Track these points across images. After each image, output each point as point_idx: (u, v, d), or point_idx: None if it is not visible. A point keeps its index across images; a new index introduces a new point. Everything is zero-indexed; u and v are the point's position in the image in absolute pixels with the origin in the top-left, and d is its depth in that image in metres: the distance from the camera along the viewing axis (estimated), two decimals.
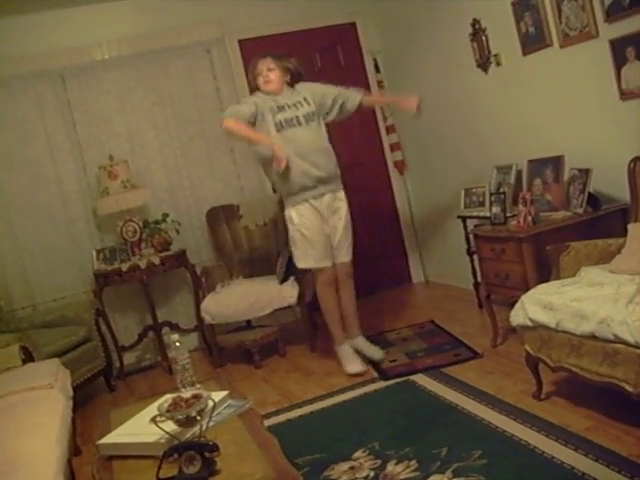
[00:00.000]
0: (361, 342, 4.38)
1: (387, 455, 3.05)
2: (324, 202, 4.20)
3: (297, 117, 4.13)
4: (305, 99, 4.21)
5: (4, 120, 5.34)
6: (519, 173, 4.60)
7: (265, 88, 4.20)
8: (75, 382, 4.15)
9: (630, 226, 3.35)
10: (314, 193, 4.16)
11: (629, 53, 3.58)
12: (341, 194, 4.31)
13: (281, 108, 4.14)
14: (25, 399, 3.14)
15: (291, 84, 4.26)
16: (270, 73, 4.19)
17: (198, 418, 2.28)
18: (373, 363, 4.32)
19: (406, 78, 5.97)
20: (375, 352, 4.33)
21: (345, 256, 4.32)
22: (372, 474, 2.92)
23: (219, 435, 2.33)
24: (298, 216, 4.18)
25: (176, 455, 2.17)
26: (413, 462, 2.94)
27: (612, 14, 3.61)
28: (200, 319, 5.24)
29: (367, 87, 6.26)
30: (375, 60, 6.23)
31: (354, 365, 4.22)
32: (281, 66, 4.21)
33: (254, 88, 4.30)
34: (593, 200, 3.84)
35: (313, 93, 4.24)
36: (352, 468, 3.01)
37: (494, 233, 4.10)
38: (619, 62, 3.66)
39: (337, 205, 4.27)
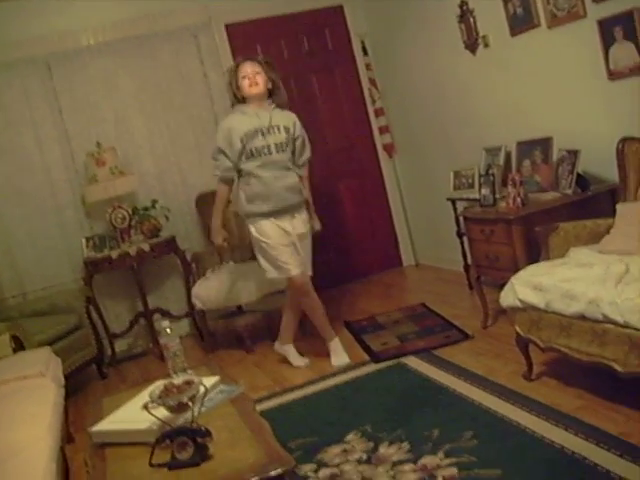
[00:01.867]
0: (332, 346, 4.26)
1: (379, 437, 3.07)
2: (284, 219, 4.05)
3: (268, 146, 3.98)
4: (284, 127, 4.05)
5: None
6: (508, 155, 4.60)
7: (249, 91, 3.98)
8: (67, 370, 4.15)
9: (619, 206, 3.35)
10: (271, 216, 4.03)
11: (617, 33, 3.57)
12: (300, 215, 4.13)
13: (254, 133, 3.96)
14: (16, 388, 3.14)
15: (271, 98, 4.08)
16: (257, 76, 3.98)
17: (190, 404, 2.27)
18: (365, 348, 4.34)
19: (394, 60, 5.95)
20: (339, 359, 4.19)
21: (307, 270, 4.18)
22: (364, 456, 2.93)
23: (211, 420, 2.34)
24: (256, 230, 4.05)
25: (168, 441, 2.17)
26: (405, 444, 2.95)
27: None
28: (191, 305, 5.24)
29: (355, 70, 6.26)
30: (363, 43, 6.21)
31: (336, 359, 4.18)
32: (267, 73, 4.01)
33: (234, 94, 4.05)
34: (582, 181, 3.85)
35: (292, 125, 4.09)
36: (344, 451, 3.02)
37: (483, 215, 4.11)
38: (607, 42, 3.65)
39: (295, 225, 4.09)
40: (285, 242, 4.04)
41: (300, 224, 4.13)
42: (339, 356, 4.21)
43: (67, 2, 5.36)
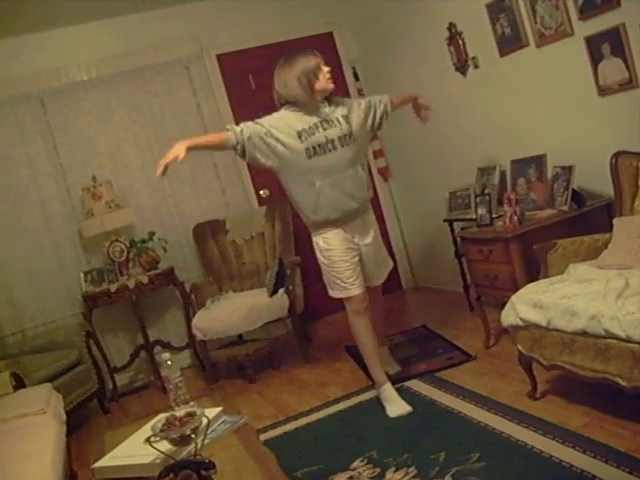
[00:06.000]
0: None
1: (386, 463, 3.04)
2: (353, 226, 3.75)
3: (332, 141, 3.57)
4: (343, 117, 3.63)
5: None
6: (503, 174, 4.62)
7: (328, 87, 3.58)
8: (68, 406, 4.12)
9: (615, 221, 3.36)
10: (341, 222, 3.70)
11: (605, 49, 3.61)
12: (370, 217, 3.86)
13: (312, 130, 3.56)
14: (18, 426, 3.11)
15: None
16: (329, 72, 3.59)
17: (193, 436, 2.25)
18: (368, 373, 4.29)
19: (386, 85, 5.97)
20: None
21: (377, 279, 4.03)
22: None
23: (215, 452, 2.31)
24: (324, 242, 3.74)
25: (172, 475, 2.14)
26: (412, 468, 2.92)
27: (585, 11, 3.64)
28: (191, 336, 5.22)
29: (347, 96, 6.29)
30: (354, 68, 6.25)
31: (396, 408, 3.62)
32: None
33: (289, 94, 3.58)
34: (577, 197, 3.86)
35: (348, 110, 3.68)
36: (351, 478, 2.99)
37: (481, 235, 4.10)
38: (595, 59, 3.69)
39: (365, 228, 3.81)
40: (345, 256, 3.72)
41: (367, 234, 3.81)
42: (393, 405, 3.67)
43: (59, 39, 5.40)
